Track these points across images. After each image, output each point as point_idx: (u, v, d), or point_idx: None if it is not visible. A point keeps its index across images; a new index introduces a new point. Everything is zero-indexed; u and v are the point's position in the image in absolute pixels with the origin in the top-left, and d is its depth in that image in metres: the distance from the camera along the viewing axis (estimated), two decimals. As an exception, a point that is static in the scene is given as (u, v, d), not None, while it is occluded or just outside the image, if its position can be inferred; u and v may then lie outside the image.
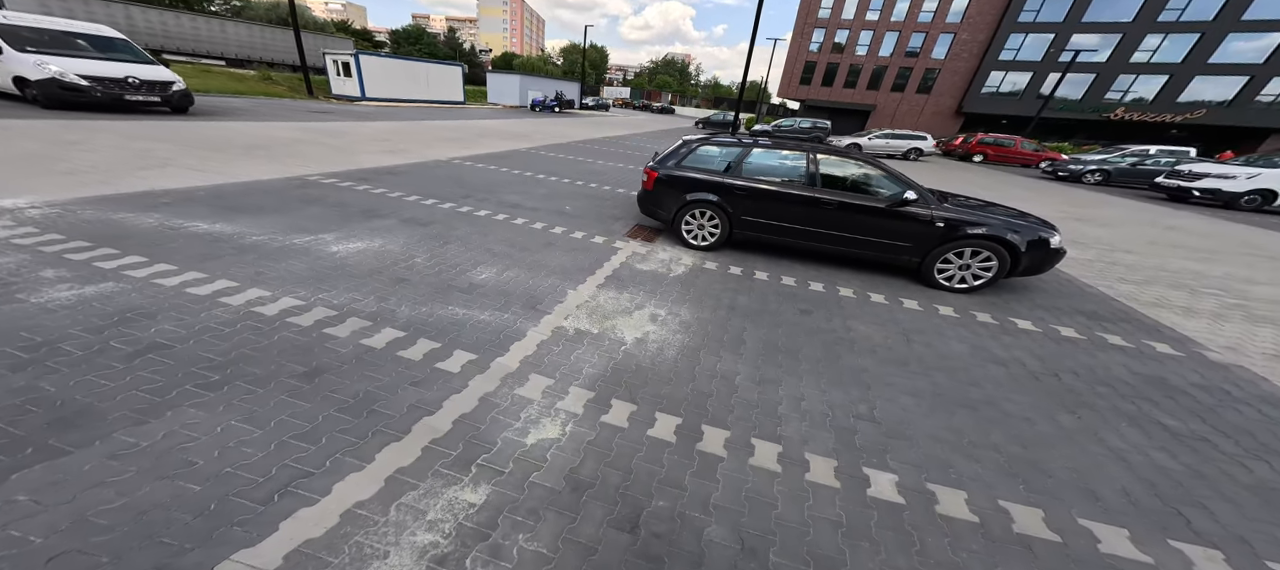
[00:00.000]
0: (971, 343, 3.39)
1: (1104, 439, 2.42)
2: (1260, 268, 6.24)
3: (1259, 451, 2.42)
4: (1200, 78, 31.24)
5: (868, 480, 2.00)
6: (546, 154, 11.34)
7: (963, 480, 2.05)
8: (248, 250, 3.72)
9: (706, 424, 2.27)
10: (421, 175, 7.35)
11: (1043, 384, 2.91)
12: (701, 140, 4.95)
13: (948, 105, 38.38)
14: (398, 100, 26.61)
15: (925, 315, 3.81)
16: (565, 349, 2.81)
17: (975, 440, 2.32)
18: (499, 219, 5.36)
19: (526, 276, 3.80)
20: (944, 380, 2.84)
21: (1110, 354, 3.38)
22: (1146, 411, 2.70)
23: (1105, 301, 4.42)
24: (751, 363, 2.86)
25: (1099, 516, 1.91)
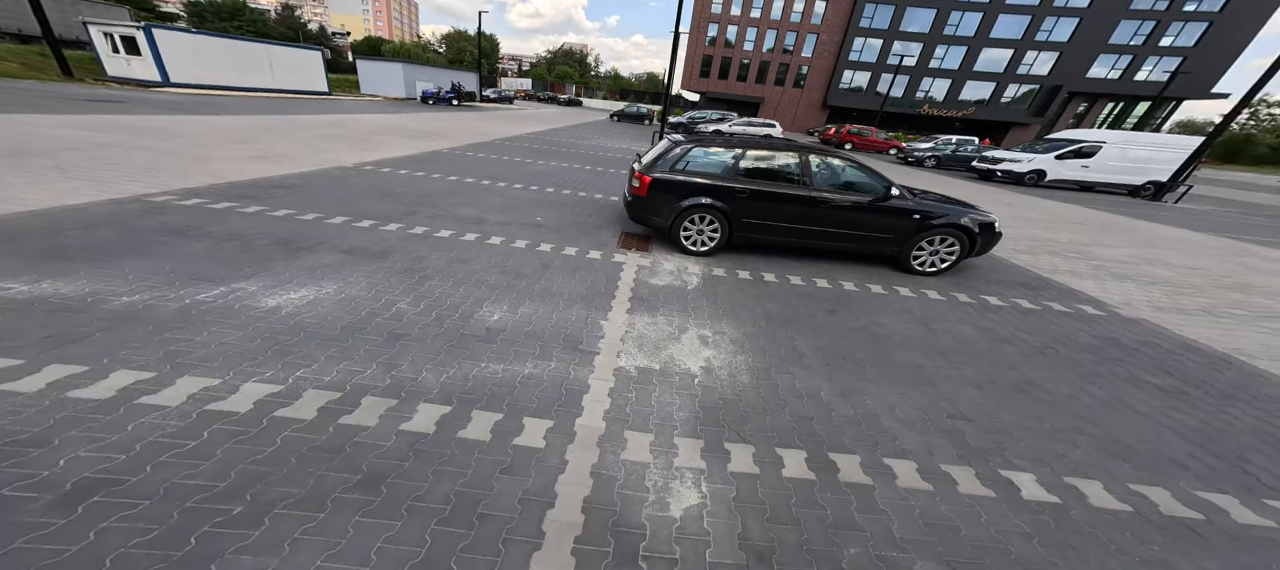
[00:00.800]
0: (974, 324, 3.86)
1: (1132, 405, 2.88)
2: (1083, 232, 8.31)
3: (1228, 395, 3.15)
4: (970, 82, 40.43)
5: (1014, 484, 2.11)
6: (474, 155, 10.16)
7: (1082, 467, 2.27)
8: (127, 319, 2.63)
9: (832, 452, 2.21)
10: (330, 187, 6.01)
11: (1049, 358, 3.41)
12: (691, 142, 4.81)
13: (816, 99, 43.84)
14: (225, 89, 21.42)
15: (922, 301, 4.24)
16: (640, 394, 2.51)
17: (1055, 424, 2.60)
18: (469, 240, 4.62)
19: (545, 311, 3.32)
20: (984, 367, 3.16)
21: (1064, 321, 4.13)
22: (1132, 373, 3.30)
23: (1021, 272, 5.43)
24: (822, 375, 2.87)
25: (1206, 487, 2.21)
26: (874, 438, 2.33)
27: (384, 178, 7.01)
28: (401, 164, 8.29)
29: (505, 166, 9.17)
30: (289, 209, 4.94)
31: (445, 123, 17.66)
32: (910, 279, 4.76)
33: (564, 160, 10.98)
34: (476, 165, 8.95)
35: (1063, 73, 38.32)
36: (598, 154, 12.97)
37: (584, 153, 12.89)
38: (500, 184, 7.48)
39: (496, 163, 9.56)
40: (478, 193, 6.69)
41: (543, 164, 10.09)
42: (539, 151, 12.17)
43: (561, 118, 29.19)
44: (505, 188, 7.23)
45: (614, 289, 3.82)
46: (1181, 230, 9.64)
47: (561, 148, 13.59)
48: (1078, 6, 36.31)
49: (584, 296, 3.62)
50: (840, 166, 4.68)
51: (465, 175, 7.87)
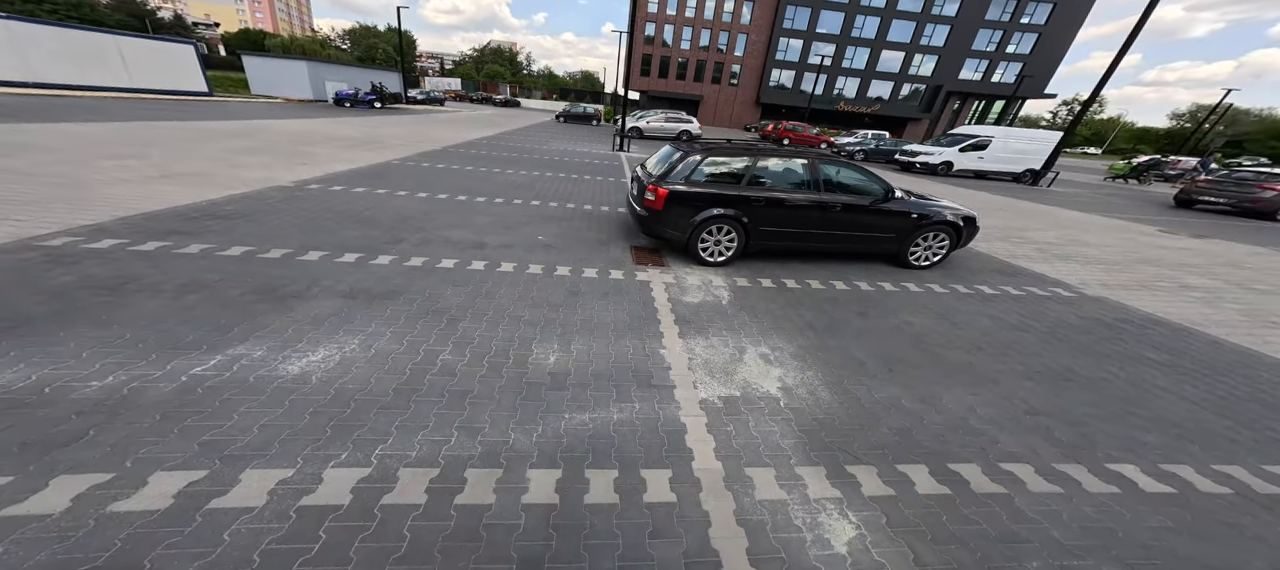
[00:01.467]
0: (986, 314, 4.23)
1: (1152, 383, 3.22)
2: (1009, 217, 9.54)
3: (1208, 365, 3.65)
4: (875, 80, 45.01)
5: (1126, 477, 2.28)
6: (433, 167, 9.31)
7: (1166, 452, 2.49)
8: (119, 408, 2.12)
9: (951, 463, 2.28)
10: (281, 215, 5.22)
11: (1065, 343, 3.79)
12: (699, 151, 4.75)
13: (750, 97, 46.05)
14: (60, 88, 17.71)
15: (931, 296, 4.57)
16: (738, 427, 2.44)
17: (1110, 410, 2.85)
18: (477, 269, 4.21)
19: (598, 345, 3.12)
20: (1021, 358, 3.44)
21: (1050, 304, 4.64)
22: (1130, 350, 3.74)
23: (988, 259, 6.07)
24: (890, 381, 2.98)
25: (1269, 461, 2.46)
26: (978, 443, 2.45)
27: (341, 198, 6.19)
28: (353, 180, 7.39)
29: (473, 179, 8.52)
30: (244, 246, 4.18)
31: (378, 128, 16.10)
32: (908, 274, 5.13)
33: (532, 168, 10.46)
34: (441, 179, 8.22)
35: (942, 74, 43.81)
36: (564, 160, 12.52)
37: (549, 159, 12.38)
38: (479, 199, 6.93)
39: (462, 174, 8.86)
40: (460, 211, 6.14)
41: (513, 173, 9.53)
42: (501, 159, 11.48)
43: (504, 120, 27.89)
44: (486, 204, 6.72)
45: (653, 312, 3.69)
46: (1076, 212, 11.41)
47: (522, 154, 12.94)
48: (948, 15, 41.68)
49: (629, 324, 3.45)
50: (846, 171, 4.91)
51: (435, 191, 7.19)
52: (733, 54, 43.84)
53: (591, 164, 12.11)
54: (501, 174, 9.33)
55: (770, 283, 4.56)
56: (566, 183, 8.99)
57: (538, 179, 9.12)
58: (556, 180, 9.16)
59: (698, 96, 45.16)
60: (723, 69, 44.52)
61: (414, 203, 6.34)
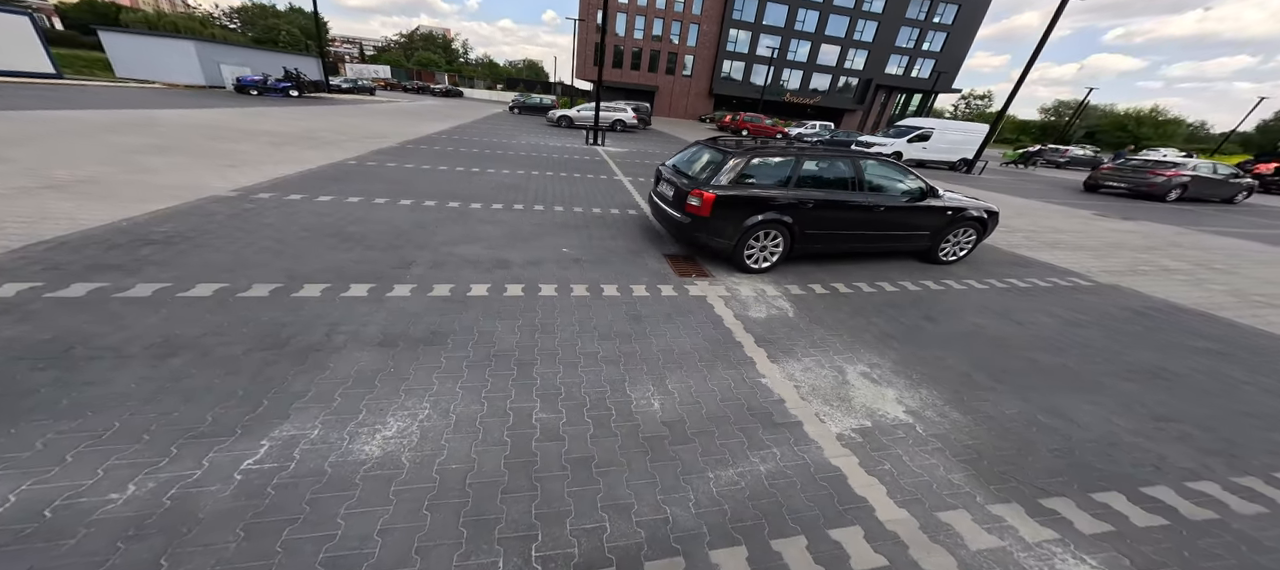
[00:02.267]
0: (1042, 310, 4.34)
1: (1231, 376, 3.32)
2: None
3: (1250, 349, 3.94)
4: (816, 73, 47.34)
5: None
6: (400, 167, 8.28)
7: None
8: (172, 525, 1.55)
9: (1143, 487, 2.20)
10: (238, 233, 4.36)
11: (1125, 337, 3.91)
12: (746, 151, 4.45)
13: (703, 87, 46.50)
14: None
15: (974, 293, 4.64)
16: (893, 463, 2.24)
17: (1220, 410, 2.90)
18: (516, 294, 3.68)
19: (694, 381, 2.78)
20: (1103, 359, 3.48)
21: (1080, 296, 4.82)
22: (1177, 340, 3.90)
23: (995, 250, 6.35)
24: (1009, 394, 2.90)
25: None
26: (1145, 460, 2.41)
27: (306, 210, 5.25)
28: (310, 185, 6.36)
29: (455, 181, 7.66)
30: (211, 282, 3.35)
31: (307, 121, 14.23)
32: (939, 270, 5.20)
33: (512, 167, 9.65)
34: (417, 181, 7.30)
35: (871, 68, 46.91)
36: (542, 156, 11.70)
37: (525, 156, 11.51)
38: (473, 206, 6.20)
39: (439, 176, 7.94)
40: (460, 222, 5.43)
41: (495, 173, 8.71)
42: (473, 156, 10.50)
43: (452, 112, 25.93)
44: (485, 211, 6.01)
45: (728, 334, 3.39)
46: (1025, 199, 12.53)
47: (494, 151, 11.95)
48: (876, 11, 44.62)
49: (712, 351, 3.12)
50: (887, 170, 4.86)
51: (418, 197, 6.34)
52: (685, 44, 43.91)
53: (573, 160, 11.45)
54: (484, 174, 8.50)
55: (821, 289, 4.42)
56: (558, 183, 8.37)
57: (526, 179, 8.41)
58: (546, 180, 8.49)
59: (653, 87, 44.83)
60: (676, 59, 44.49)
61: (400, 213, 5.52)
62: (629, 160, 12.52)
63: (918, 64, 47.22)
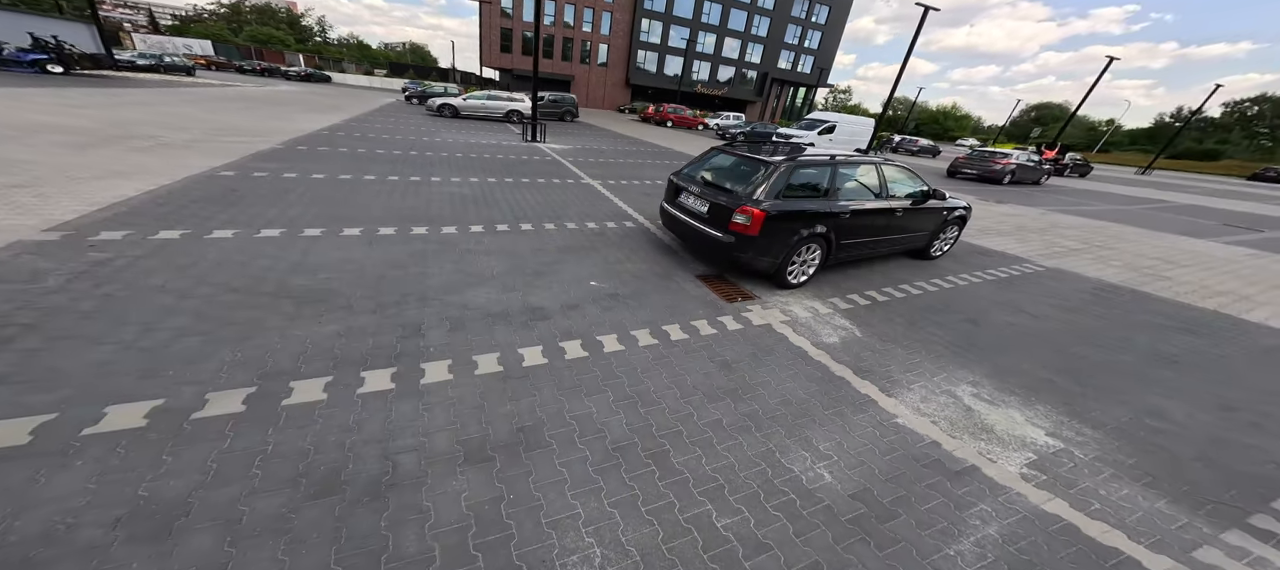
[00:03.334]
0: (1038, 301, 4.82)
1: (1221, 354, 3.95)
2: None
3: (1180, 321, 4.76)
4: (722, 65, 50.12)
5: None
6: (307, 178, 6.54)
7: None
8: None
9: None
10: (104, 309, 3.00)
11: (1113, 322, 4.47)
12: (785, 159, 4.22)
13: (620, 77, 46.03)
14: None
15: (975, 287, 5.04)
16: (1097, 499, 2.23)
17: (1246, 390, 3.35)
18: (579, 355, 3.03)
19: (839, 436, 2.52)
20: (1125, 348, 3.94)
21: (1047, 281, 5.50)
22: (1152, 322, 4.53)
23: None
24: (1095, 397, 3.11)
25: None
26: (1263, 457, 2.63)
27: (205, 257, 3.81)
28: (185, 215, 4.68)
29: (397, 195, 6.28)
30: (140, 399, 2.18)
31: (108, 108, 10.81)
32: (929, 267, 5.59)
33: (456, 172, 8.27)
34: (345, 199, 5.82)
35: (767, 62, 50.98)
36: (484, 157, 10.26)
37: (462, 157, 9.99)
38: (447, 230, 5.10)
39: (367, 188, 6.46)
40: (445, 256, 4.41)
41: (442, 182, 7.35)
42: (397, 159, 8.79)
43: (326, 100, 21.82)
44: (464, 237, 4.97)
45: (825, 369, 3.17)
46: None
47: (419, 151, 10.15)
48: (768, 8, 48.41)
49: (825, 393, 2.88)
50: (901, 173, 5.02)
51: (370, 223, 5.02)
52: (599, 33, 42.78)
53: (522, 162, 10.27)
54: (428, 184, 7.13)
55: (860, 299, 4.44)
56: (523, 191, 7.38)
57: (484, 189, 7.26)
58: (508, 189, 7.43)
59: (568, 76, 42.97)
60: (591, 48, 43.19)
61: (355, 250, 4.30)
62: (585, 160, 11.67)
63: (802, 60, 52.26)
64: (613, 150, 14.65)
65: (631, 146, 16.51)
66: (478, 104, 20.00)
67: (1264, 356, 4.04)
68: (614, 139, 18.50)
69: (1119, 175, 29.66)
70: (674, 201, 4.90)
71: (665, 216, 5.08)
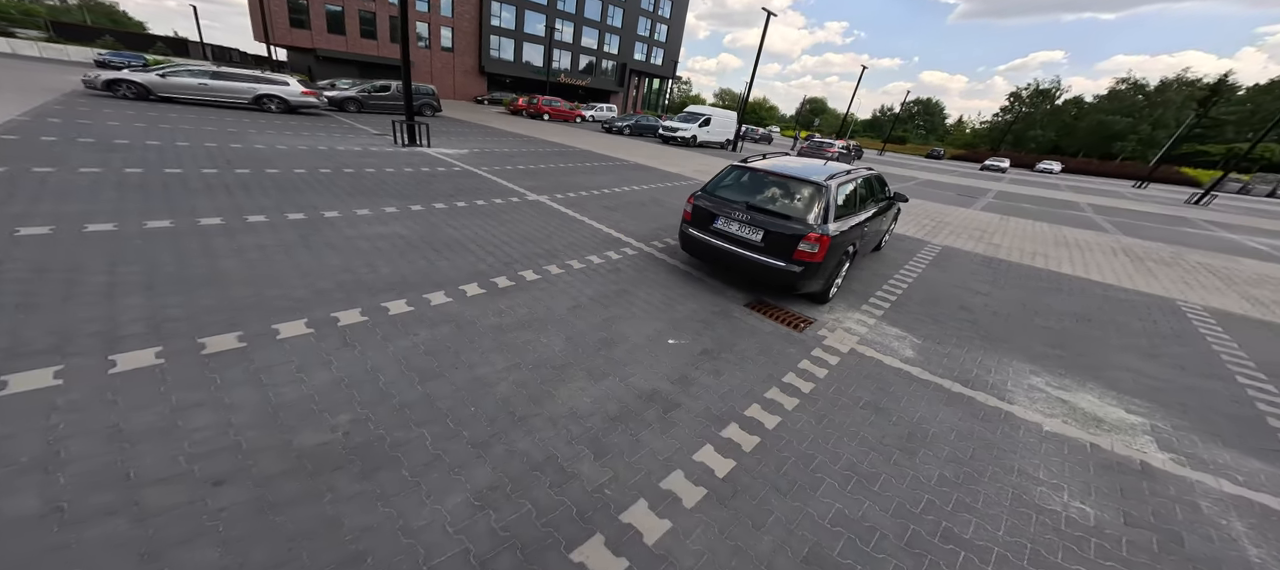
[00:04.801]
0: (986, 284, 5.93)
1: (1175, 329, 5.54)
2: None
3: (1068, 287, 6.42)
4: (582, 54, 49.92)
5: None
6: (120, 233, 4.12)
7: None
8: None
9: None
10: None
11: (1035, 296, 5.80)
12: (842, 175, 4.35)
13: (471, 64, 41.46)
14: None
15: (949, 275, 5.96)
16: (1193, 462, 2.81)
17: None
18: (746, 440, 2.61)
19: (1034, 462, 2.72)
20: (1072, 320, 5.12)
21: (965, 260, 6.87)
22: (1047, 286, 6.09)
23: (876, 227, 8.35)
24: (1155, 384, 3.96)
25: None
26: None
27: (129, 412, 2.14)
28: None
29: (303, 249, 4.37)
30: None
31: None
32: (886, 259, 6.49)
33: (360, 199, 6.12)
34: (219, 270, 3.87)
35: (624, 52, 52.58)
36: (377, 175, 7.82)
37: (339, 174, 7.44)
38: (435, 298, 3.78)
39: (242, 242, 4.37)
40: (474, 345, 3.27)
41: (353, 220, 5.35)
42: (236, 186, 5.98)
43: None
44: (468, 307, 3.76)
45: (942, 388, 3.37)
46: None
47: (254, 167, 7.15)
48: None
49: (971, 415, 3.06)
50: (881, 179, 5.60)
51: (310, 306, 3.40)
52: (438, 14, 37.33)
53: (423, 175, 8.28)
54: (326, 224, 5.12)
55: (877, 303, 4.88)
56: (472, 221, 5.93)
57: (420, 224, 5.58)
58: (449, 219, 5.88)
59: (397, 60, 36.41)
60: (431, 31, 37.48)
61: (345, 365, 2.88)
62: (502, 168, 10.07)
63: (654, 52, 55.14)
64: (520, 153, 13.14)
65: (534, 147, 15.07)
66: (190, 83, 13.57)
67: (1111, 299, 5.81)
68: (507, 139, 16.62)
69: (870, 158, 37.92)
70: (707, 228, 4.57)
71: (693, 244, 4.72)
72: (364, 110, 18.81)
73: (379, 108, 19.10)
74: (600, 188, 9.21)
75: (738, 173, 4.75)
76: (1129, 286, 6.47)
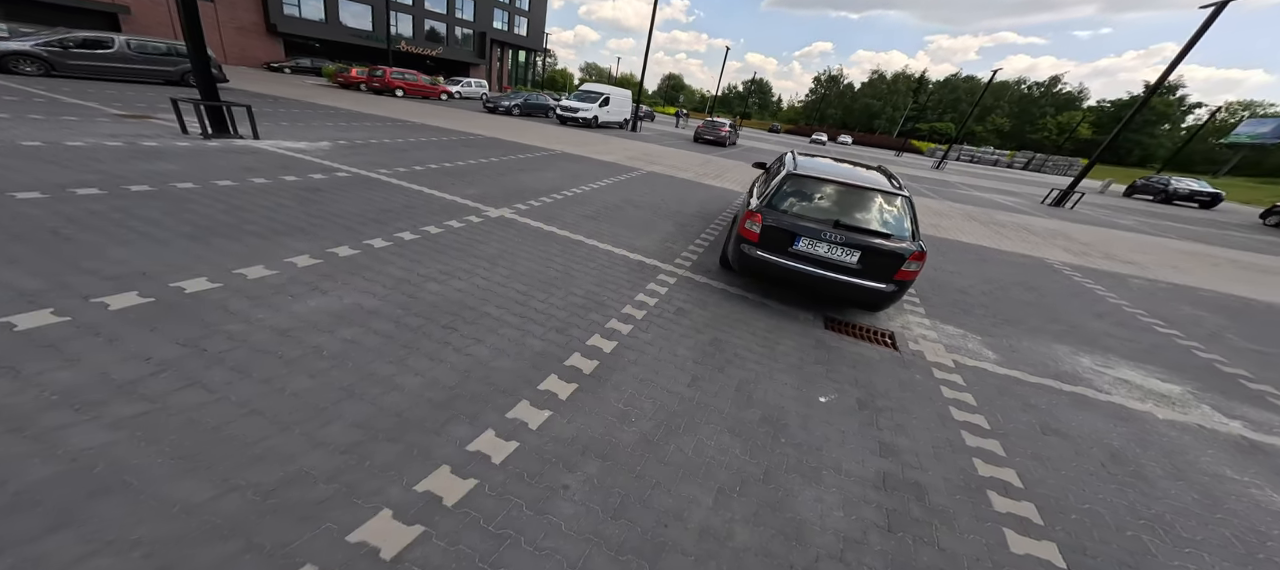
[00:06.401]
0: (952, 258, 6.68)
1: (1108, 297, 6.64)
2: (725, 169, 13.33)
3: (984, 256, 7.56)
4: (428, 20, 42.81)
5: None
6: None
7: None
8: None
9: None
10: None
11: (980, 266, 6.75)
12: (908, 196, 4.16)
13: (254, 21, 31.49)
14: None
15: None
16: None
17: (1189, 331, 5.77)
18: (994, 504, 2.28)
19: (1232, 456, 3.01)
20: (1023, 288, 6.03)
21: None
22: (986, 258, 7.18)
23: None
24: (1167, 355, 4.74)
25: None
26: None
27: None
28: None
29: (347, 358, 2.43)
30: None
31: None
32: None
33: (228, 240, 3.70)
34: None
35: (482, 20, 46.86)
36: (207, 195, 4.80)
37: (144, 200, 4.41)
38: (500, 446, 2.42)
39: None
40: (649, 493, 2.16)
41: (264, 300, 3.19)
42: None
43: None
44: (598, 441, 2.52)
45: (1082, 396, 3.59)
46: (697, 153, 17.20)
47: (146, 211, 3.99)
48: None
49: (1123, 428, 3.30)
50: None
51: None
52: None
53: (291, 191, 5.52)
54: (281, 338, 2.99)
55: (906, 303, 5.11)
56: (439, 263, 4.18)
57: (394, 288, 3.66)
58: (399, 272, 4.04)
59: (118, 6, 24.89)
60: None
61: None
62: (428, 174, 7.41)
63: (516, 21, 50.12)
64: (409, 144, 10.22)
65: (418, 134, 11.94)
66: None
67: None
68: (370, 123, 12.73)
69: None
70: (785, 252, 4.02)
71: (765, 268, 4.11)
72: (55, 74, 12.39)
73: (90, 72, 12.87)
74: (554, 191, 7.69)
75: (799, 183, 4.28)
76: (1008, 250, 8.23)
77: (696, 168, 13.34)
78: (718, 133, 22.30)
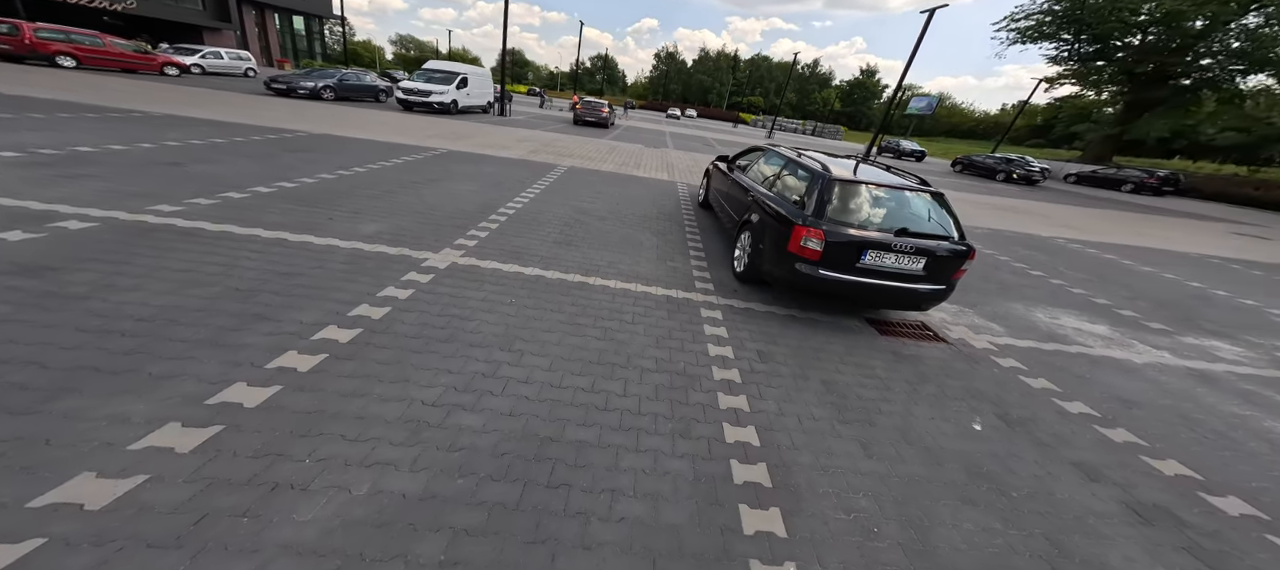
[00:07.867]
0: None
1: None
2: (639, 154, 12.49)
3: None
4: None
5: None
6: None
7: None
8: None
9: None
10: None
11: None
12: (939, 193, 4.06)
13: None
14: None
15: None
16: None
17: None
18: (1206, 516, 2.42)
19: None
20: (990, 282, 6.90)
21: None
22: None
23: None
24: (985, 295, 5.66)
25: None
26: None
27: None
28: None
29: None
30: None
31: None
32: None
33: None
34: None
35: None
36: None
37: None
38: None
39: None
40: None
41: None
42: None
43: None
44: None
45: (1111, 363, 4.10)
46: (578, 137, 16.10)
47: None
48: None
49: (1191, 392, 3.87)
50: None
51: None
52: None
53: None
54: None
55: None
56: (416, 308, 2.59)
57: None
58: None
59: None
60: None
61: None
62: (294, 208, 4.49)
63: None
64: (183, 150, 6.42)
65: (191, 131, 7.65)
66: None
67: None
68: (51, 112, 7.68)
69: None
70: (851, 268, 3.65)
71: (828, 286, 3.69)
72: None
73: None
74: (485, 209, 5.66)
75: (843, 188, 3.91)
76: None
77: (608, 157, 12.36)
78: (599, 114, 21.33)
